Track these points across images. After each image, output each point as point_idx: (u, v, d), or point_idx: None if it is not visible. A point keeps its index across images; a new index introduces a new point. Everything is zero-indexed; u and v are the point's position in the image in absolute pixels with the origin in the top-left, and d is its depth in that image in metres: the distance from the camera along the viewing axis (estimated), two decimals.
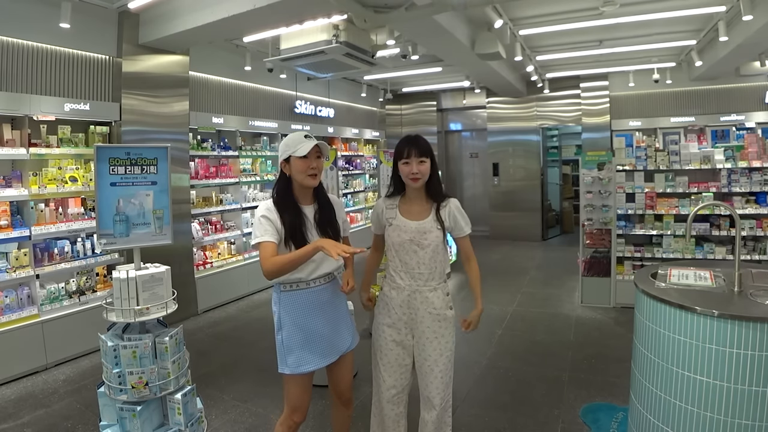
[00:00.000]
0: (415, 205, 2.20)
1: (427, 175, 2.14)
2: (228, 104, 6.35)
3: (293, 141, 2.06)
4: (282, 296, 2.10)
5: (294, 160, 2.04)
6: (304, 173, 2.04)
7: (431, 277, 2.18)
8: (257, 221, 2.03)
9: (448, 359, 2.22)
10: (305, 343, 2.06)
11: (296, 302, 2.08)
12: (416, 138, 2.16)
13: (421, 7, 4.03)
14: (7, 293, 3.79)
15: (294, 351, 2.06)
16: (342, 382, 2.26)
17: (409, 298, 2.18)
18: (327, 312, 2.13)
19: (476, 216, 10.27)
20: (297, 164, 2.04)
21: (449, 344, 2.23)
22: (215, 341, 4.59)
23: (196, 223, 5.56)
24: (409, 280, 2.18)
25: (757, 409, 1.80)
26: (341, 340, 2.18)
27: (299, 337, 2.06)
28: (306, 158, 2.03)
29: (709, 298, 2.01)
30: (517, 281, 6.41)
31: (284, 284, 2.08)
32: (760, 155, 4.65)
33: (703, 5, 5.00)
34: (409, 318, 2.21)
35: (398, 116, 10.79)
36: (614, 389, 3.29)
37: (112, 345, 2.18)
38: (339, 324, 2.18)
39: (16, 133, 3.92)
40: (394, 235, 2.18)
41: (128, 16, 4.56)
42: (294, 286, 2.08)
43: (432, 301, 2.19)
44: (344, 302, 2.26)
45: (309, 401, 2.16)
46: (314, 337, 2.08)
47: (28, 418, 3.17)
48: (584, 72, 8.42)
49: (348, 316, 2.27)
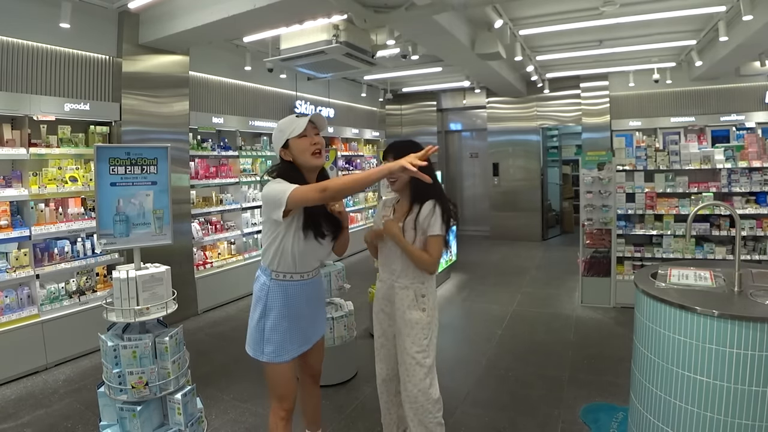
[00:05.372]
0: (402, 206, 2.32)
1: (403, 179, 2.20)
2: (228, 104, 6.35)
3: (286, 124, 1.98)
4: (272, 284, 2.04)
5: (293, 142, 1.96)
6: (308, 151, 1.96)
7: (404, 274, 2.26)
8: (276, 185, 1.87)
9: (412, 358, 2.22)
10: (287, 332, 2.05)
11: (288, 292, 2.05)
12: (394, 144, 2.25)
13: (421, 7, 4.03)
14: (7, 293, 3.79)
15: (274, 340, 2.04)
16: (315, 364, 2.35)
17: (388, 291, 2.33)
18: (312, 303, 2.15)
19: (476, 216, 10.32)
20: (298, 144, 1.96)
21: (415, 345, 2.23)
22: (215, 341, 4.59)
23: (196, 223, 5.56)
24: (388, 274, 2.33)
25: (757, 409, 1.80)
26: (317, 331, 2.23)
27: (283, 327, 2.05)
28: (305, 136, 1.96)
29: (709, 298, 2.01)
30: (517, 281, 6.41)
31: (277, 273, 2.04)
32: (760, 155, 4.65)
33: (703, 5, 5.00)
34: (390, 311, 2.34)
35: (398, 116, 10.79)
36: (614, 389, 3.29)
37: (112, 345, 2.18)
38: (318, 315, 2.24)
39: (16, 133, 3.92)
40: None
41: (128, 16, 4.56)
42: (288, 276, 2.05)
43: (402, 298, 2.27)
44: (324, 294, 2.34)
45: (295, 388, 2.16)
46: (296, 328, 2.08)
47: (28, 418, 3.17)
48: (584, 72, 8.42)
49: (324, 307, 2.34)
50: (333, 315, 3.51)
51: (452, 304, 5.50)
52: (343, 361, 3.56)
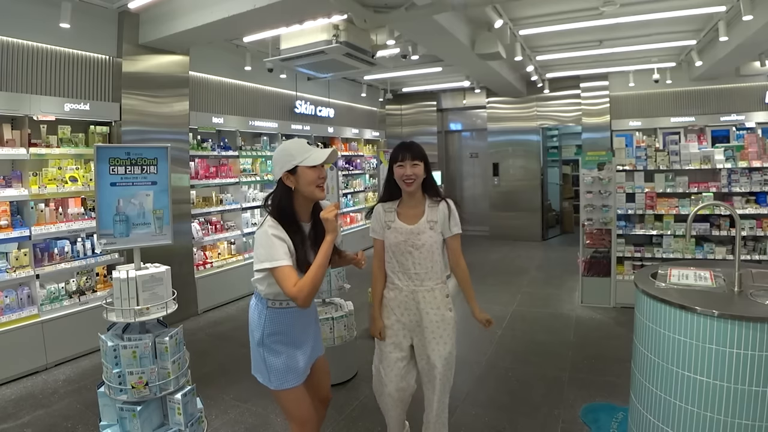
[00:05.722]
0: (410, 209, 2.23)
1: (420, 178, 2.18)
2: (228, 104, 6.35)
3: (298, 150, 1.89)
4: (268, 313, 1.94)
5: (303, 170, 1.86)
6: (313, 184, 1.88)
7: (428, 277, 2.20)
8: (269, 240, 1.81)
9: (446, 361, 2.22)
10: (288, 357, 1.96)
11: (284, 321, 1.95)
12: (410, 144, 2.21)
13: (421, 7, 4.03)
14: (7, 293, 3.79)
15: (279, 367, 1.95)
16: (323, 387, 2.19)
17: (407, 299, 2.20)
18: (309, 329, 2.06)
19: (476, 216, 10.30)
20: (307, 174, 1.86)
21: (448, 346, 2.23)
22: (215, 341, 4.59)
23: (196, 223, 5.56)
24: (406, 281, 2.21)
25: (757, 409, 1.80)
26: (314, 353, 2.10)
27: (284, 352, 1.95)
28: (318, 167, 1.88)
29: (709, 298, 2.01)
30: (517, 281, 6.41)
31: (273, 300, 1.93)
32: (760, 155, 4.65)
33: (703, 5, 5.00)
34: (409, 320, 2.22)
35: (398, 116, 10.79)
36: (614, 389, 3.29)
37: (112, 345, 2.18)
38: (315, 338, 2.12)
39: (16, 133, 3.92)
40: (391, 237, 2.21)
41: (128, 16, 4.56)
42: (285, 303, 1.94)
43: (429, 302, 2.20)
44: (316, 314, 2.20)
45: (313, 411, 2.04)
46: (296, 355, 1.98)
47: (28, 418, 3.17)
48: (584, 72, 8.42)
49: (319, 326, 2.21)
50: (333, 315, 3.51)
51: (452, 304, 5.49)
52: (343, 361, 3.56)
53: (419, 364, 2.25)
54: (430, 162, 2.24)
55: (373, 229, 2.30)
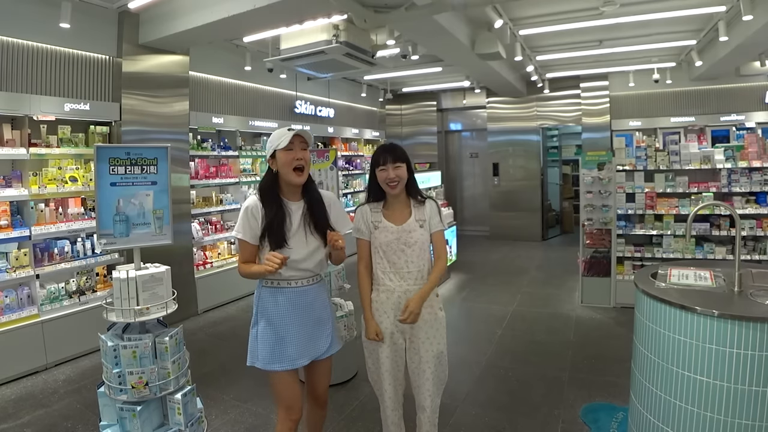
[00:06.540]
0: (396, 211, 2.23)
1: (404, 180, 2.19)
2: (228, 104, 6.35)
3: (277, 136, 2.06)
4: (262, 291, 2.08)
5: (279, 153, 2.03)
6: (289, 166, 2.01)
7: (420, 276, 2.19)
8: (241, 213, 2.08)
9: (439, 361, 2.21)
10: (276, 342, 2.02)
11: (275, 300, 2.04)
12: (391, 146, 2.23)
13: (421, 7, 4.03)
14: (7, 293, 3.79)
15: (265, 348, 2.02)
16: (318, 387, 2.22)
17: (399, 299, 2.17)
18: (305, 315, 2.07)
19: (476, 216, 10.32)
20: (281, 157, 2.02)
21: (440, 346, 2.22)
22: (215, 341, 4.59)
23: (196, 223, 5.56)
24: (398, 281, 2.18)
25: (757, 409, 1.80)
26: (316, 346, 2.09)
27: (271, 336, 2.03)
28: (290, 150, 2.01)
29: (709, 298, 2.01)
30: (517, 281, 6.41)
31: (266, 279, 2.06)
32: (760, 155, 4.65)
33: (703, 5, 5.00)
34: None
35: (398, 116, 10.79)
36: (614, 389, 3.29)
37: (112, 345, 2.18)
38: (317, 329, 2.11)
39: (16, 133, 3.92)
40: (381, 237, 2.19)
41: (128, 16, 4.56)
42: (275, 282, 2.05)
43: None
44: (327, 308, 2.18)
45: (300, 396, 2.12)
46: (286, 339, 2.03)
47: (28, 418, 3.17)
48: (584, 72, 8.42)
49: (330, 323, 2.17)
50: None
51: (452, 303, 5.51)
52: (343, 361, 3.55)
53: (411, 365, 2.23)
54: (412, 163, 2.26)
55: (358, 229, 2.25)
